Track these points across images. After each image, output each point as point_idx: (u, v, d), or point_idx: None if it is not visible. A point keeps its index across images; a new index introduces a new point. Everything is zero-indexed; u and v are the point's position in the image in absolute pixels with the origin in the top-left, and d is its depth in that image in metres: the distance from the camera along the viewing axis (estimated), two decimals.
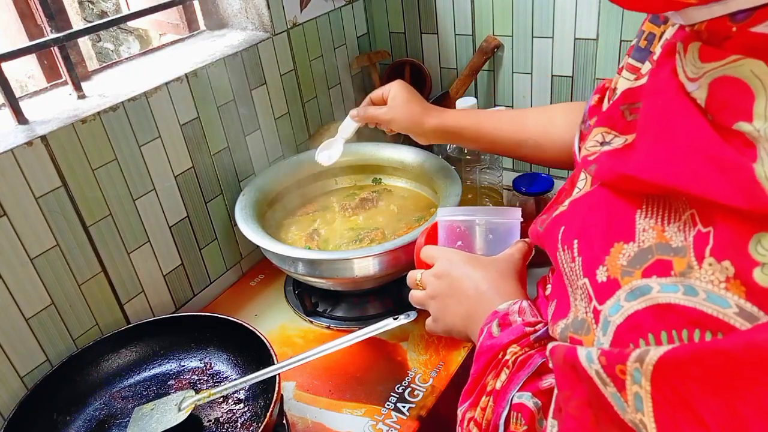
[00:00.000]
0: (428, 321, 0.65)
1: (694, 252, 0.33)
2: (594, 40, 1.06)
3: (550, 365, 0.44)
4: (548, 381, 0.45)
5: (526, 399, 0.45)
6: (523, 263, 0.62)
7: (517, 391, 0.46)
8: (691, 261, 0.33)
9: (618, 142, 0.46)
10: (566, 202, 0.50)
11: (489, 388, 0.48)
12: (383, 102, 0.89)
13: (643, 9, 0.39)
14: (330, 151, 0.95)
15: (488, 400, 0.48)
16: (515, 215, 0.66)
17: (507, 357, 0.48)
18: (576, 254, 0.42)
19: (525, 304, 0.54)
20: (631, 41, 1.03)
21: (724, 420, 0.29)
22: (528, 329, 0.50)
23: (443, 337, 0.89)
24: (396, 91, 0.88)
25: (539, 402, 0.45)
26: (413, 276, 0.67)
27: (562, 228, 0.46)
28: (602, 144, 0.48)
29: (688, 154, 0.34)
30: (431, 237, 0.70)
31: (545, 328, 0.50)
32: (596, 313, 0.38)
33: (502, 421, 0.45)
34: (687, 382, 0.30)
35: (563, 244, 0.45)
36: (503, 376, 0.48)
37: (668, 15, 0.41)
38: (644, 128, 0.40)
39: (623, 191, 0.40)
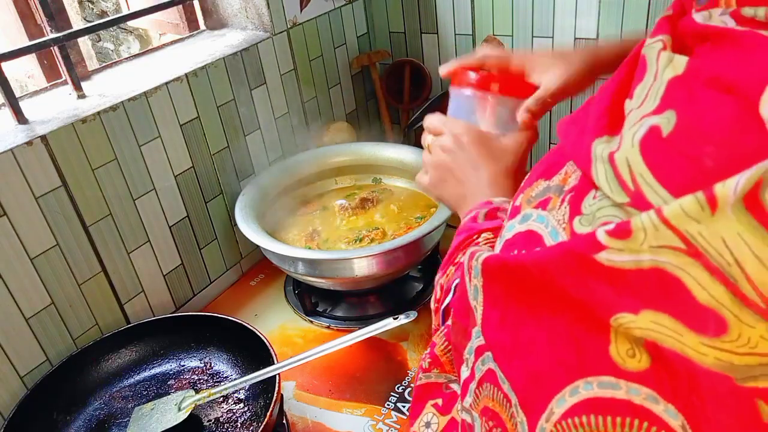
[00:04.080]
0: (423, 180, 0.68)
1: (564, 194, 0.37)
2: (594, 39, 1.06)
3: None
4: None
5: None
6: (527, 155, 0.64)
7: None
8: (558, 201, 0.37)
9: None
10: None
11: (456, 261, 0.54)
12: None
13: None
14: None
15: (453, 269, 0.53)
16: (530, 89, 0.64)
17: (479, 240, 0.53)
18: (523, 183, 0.47)
19: None
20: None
21: (516, 327, 0.34)
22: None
23: None
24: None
25: None
26: (425, 139, 0.68)
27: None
28: None
29: (582, 119, 0.39)
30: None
31: None
32: (501, 228, 0.44)
33: (453, 285, 0.51)
34: (502, 285, 0.36)
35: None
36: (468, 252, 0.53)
37: None
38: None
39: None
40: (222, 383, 0.82)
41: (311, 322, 0.96)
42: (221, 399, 0.79)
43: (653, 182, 0.29)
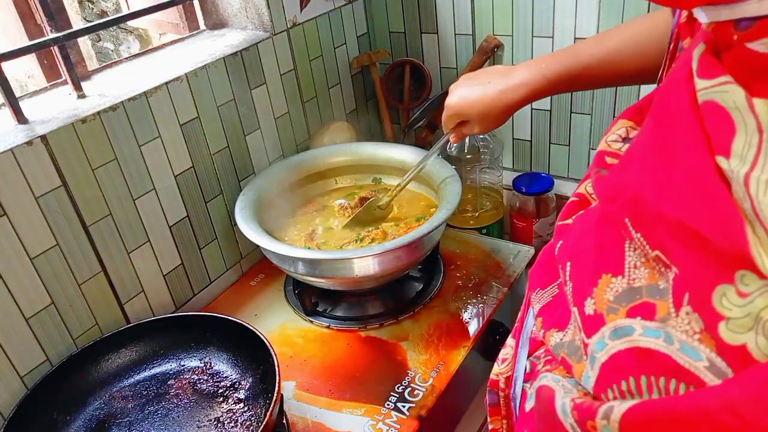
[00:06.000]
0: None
1: (673, 297, 0.32)
2: None
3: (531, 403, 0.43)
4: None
5: None
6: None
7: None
8: (670, 307, 0.32)
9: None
10: (575, 216, 0.48)
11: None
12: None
13: (669, 4, 0.38)
14: None
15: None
16: None
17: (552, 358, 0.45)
18: (568, 278, 0.41)
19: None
20: None
21: None
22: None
23: (443, 336, 0.89)
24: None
25: None
26: None
27: (560, 243, 0.45)
28: (624, 140, 0.45)
29: (685, 174, 0.32)
30: None
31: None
32: (585, 346, 0.38)
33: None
34: None
35: (558, 262, 0.44)
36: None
37: (693, 11, 0.37)
38: (647, 135, 0.38)
39: (614, 215, 0.38)
40: (223, 382, 0.82)
41: (311, 322, 0.96)
42: (221, 399, 0.80)
43: None
